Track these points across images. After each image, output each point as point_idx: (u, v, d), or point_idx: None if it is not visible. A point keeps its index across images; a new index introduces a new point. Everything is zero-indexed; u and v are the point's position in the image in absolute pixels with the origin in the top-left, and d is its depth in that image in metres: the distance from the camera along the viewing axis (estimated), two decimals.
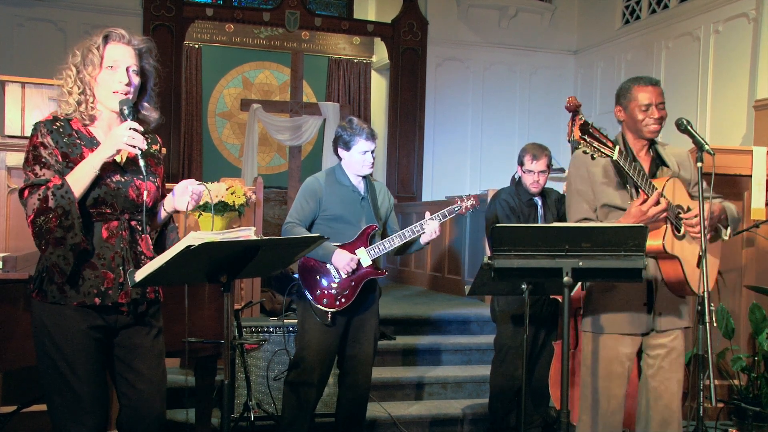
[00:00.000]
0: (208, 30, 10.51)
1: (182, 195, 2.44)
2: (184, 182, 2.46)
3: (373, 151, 3.60)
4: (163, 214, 2.54)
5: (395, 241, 3.57)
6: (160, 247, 2.54)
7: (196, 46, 10.56)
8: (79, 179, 2.24)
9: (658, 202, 2.66)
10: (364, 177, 3.67)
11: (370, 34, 10.26)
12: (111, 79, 2.35)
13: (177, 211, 2.51)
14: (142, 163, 2.30)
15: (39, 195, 2.20)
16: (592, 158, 2.64)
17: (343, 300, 3.52)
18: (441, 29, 10.10)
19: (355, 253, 3.52)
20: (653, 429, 2.93)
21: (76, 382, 2.29)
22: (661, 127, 2.89)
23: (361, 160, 3.58)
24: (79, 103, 2.36)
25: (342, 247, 3.52)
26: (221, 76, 10.92)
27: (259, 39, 10.68)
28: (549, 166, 4.10)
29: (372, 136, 3.58)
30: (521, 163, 4.08)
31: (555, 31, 10.50)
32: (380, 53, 10.88)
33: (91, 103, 2.37)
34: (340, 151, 3.62)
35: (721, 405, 4.45)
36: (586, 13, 10.33)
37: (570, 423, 2.74)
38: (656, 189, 2.69)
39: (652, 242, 2.72)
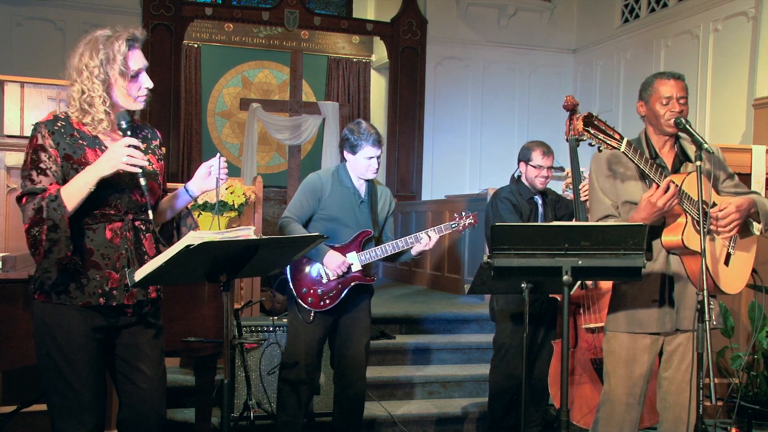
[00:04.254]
0: (207, 29, 10.50)
1: (205, 179, 2.45)
2: (204, 168, 2.45)
3: (378, 157, 3.58)
4: (180, 204, 2.52)
5: (387, 249, 3.55)
6: (167, 236, 2.54)
7: (196, 45, 10.55)
8: (73, 194, 2.21)
9: (666, 190, 2.58)
10: (367, 180, 3.65)
11: (370, 33, 10.25)
12: (134, 86, 2.34)
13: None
14: (143, 181, 2.28)
15: (34, 205, 2.18)
16: (599, 150, 2.59)
17: (327, 301, 3.52)
18: (440, 28, 10.09)
19: (345, 257, 3.52)
20: (665, 428, 2.91)
21: (77, 383, 2.29)
22: None
23: (366, 164, 3.56)
24: (106, 113, 2.30)
25: (334, 249, 3.52)
26: (220, 75, 10.91)
27: (258, 38, 10.66)
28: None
29: (378, 143, 3.55)
30: (528, 159, 4.02)
31: (554, 29, 10.49)
32: (379, 52, 10.88)
33: (109, 107, 2.32)
34: (346, 154, 3.60)
35: (720, 403, 4.44)
36: (586, 11, 10.33)
37: (570, 422, 2.74)
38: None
39: (672, 237, 2.69)
